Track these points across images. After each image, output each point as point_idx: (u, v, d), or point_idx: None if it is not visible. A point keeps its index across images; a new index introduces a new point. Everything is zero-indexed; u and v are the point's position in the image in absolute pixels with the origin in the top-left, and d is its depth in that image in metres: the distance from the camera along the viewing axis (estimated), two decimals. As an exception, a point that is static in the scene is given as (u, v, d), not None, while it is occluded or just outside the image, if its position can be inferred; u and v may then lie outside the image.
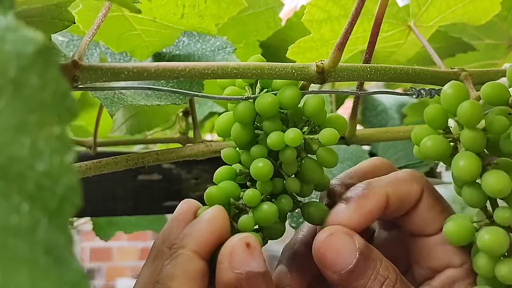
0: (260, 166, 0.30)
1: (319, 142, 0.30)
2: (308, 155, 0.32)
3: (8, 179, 0.14)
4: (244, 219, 0.30)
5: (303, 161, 0.32)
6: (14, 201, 0.14)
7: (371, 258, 0.29)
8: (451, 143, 0.30)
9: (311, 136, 0.31)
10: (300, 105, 0.31)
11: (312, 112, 0.30)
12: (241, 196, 0.31)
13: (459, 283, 0.30)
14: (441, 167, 0.55)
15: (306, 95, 0.31)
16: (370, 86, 0.80)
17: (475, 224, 0.30)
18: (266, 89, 0.31)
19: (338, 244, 0.29)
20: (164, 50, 0.50)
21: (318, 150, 0.31)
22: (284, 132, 0.30)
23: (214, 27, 0.43)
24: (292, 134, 0.29)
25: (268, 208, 0.30)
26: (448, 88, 0.29)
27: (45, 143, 0.15)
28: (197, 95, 0.32)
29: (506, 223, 0.28)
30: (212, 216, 0.29)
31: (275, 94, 0.30)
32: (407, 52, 0.53)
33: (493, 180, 0.27)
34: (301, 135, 0.29)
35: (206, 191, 0.31)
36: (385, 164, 0.35)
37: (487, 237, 0.28)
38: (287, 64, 0.29)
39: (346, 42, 0.29)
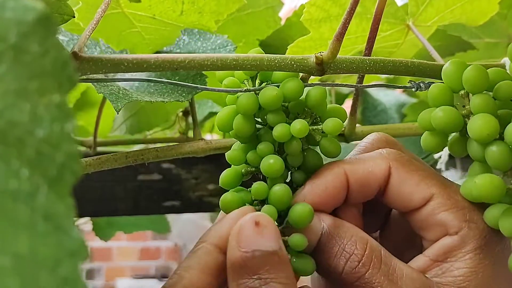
0: (272, 162, 0.30)
1: (322, 132, 0.30)
2: (310, 146, 0.32)
3: (7, 143, 0.14)
4: (265, 209, 0.30)
5: (305, 152, 0.32)
6: (13, 165, 0.14)
7: (338, 236, 0.30)
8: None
9: (314, 127, 0.31)
10: (302, 97, 0.31)
11: (314, 103, 0.30)
12: (253, 198, 0.31)
13: (456, 251, 0.29)
14: (440, 164, 0.55)
15: (305, 88, 0.31)
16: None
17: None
18: (265, 82, 0.31)
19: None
20: (164, 48, 0.50)
21: (321, 141, 0.31)
22: (287, 125, 0.30)
23: (214, 23, 0.44)
24: (299, 125, 0.29)
25: (279, 188, 0.30)
26: (448, 65, 0.29)
27: (45, 110, 0.15)
28: (197, 88, 0.32)
29: None
30: (236, 213, 0.30)
31: (277, 87, 0.30)
32: (406, 53, 0.53)
33: None
34: (307, 126, 0.29)
35: (221, 198, 0.31)
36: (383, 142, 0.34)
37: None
38: (286, 56, 0.29)
39: (345, 32, 0.29)
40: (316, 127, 0.31)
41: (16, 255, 0.13)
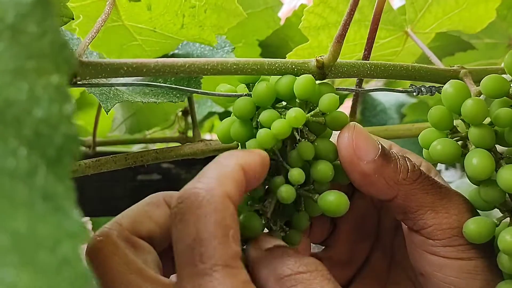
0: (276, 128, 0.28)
1: (322, 113, 0.29)
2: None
3: (5, 122, 0.14)
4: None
5: (315, 143, 0.30)
6: (11, 144, 0.14)
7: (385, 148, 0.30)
8: (460, 142, 0.30)
9: (312, 113, 0.29)
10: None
11: (302, 90, 0.29)
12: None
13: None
14: (440, 165, 0.55)
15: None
16: (369, 85, 0.80)
17: (494, 220, 0.29)
18: None
19: (363, 134, 0.29)
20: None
21: (326, 120, 0.30)
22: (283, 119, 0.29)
23: (214, 37, 0.43)
24: (294, 113, 0.28)
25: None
26: (448, 87, 0.29)
27: (43, 91, 0.15)
28: (196, 92, 0.31)
29: None
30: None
31: None
32: (404, 61, 0.53)
33: (509, 177, 0.27)
34: (303, 113, 0.28)
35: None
36: None
37: (509, 238, 0.27)
38: (287, 60, 0.29)
39: (346, 33, 0.29)
40: (314, 112, 0.29)
41: (15, 233, 0.13)
